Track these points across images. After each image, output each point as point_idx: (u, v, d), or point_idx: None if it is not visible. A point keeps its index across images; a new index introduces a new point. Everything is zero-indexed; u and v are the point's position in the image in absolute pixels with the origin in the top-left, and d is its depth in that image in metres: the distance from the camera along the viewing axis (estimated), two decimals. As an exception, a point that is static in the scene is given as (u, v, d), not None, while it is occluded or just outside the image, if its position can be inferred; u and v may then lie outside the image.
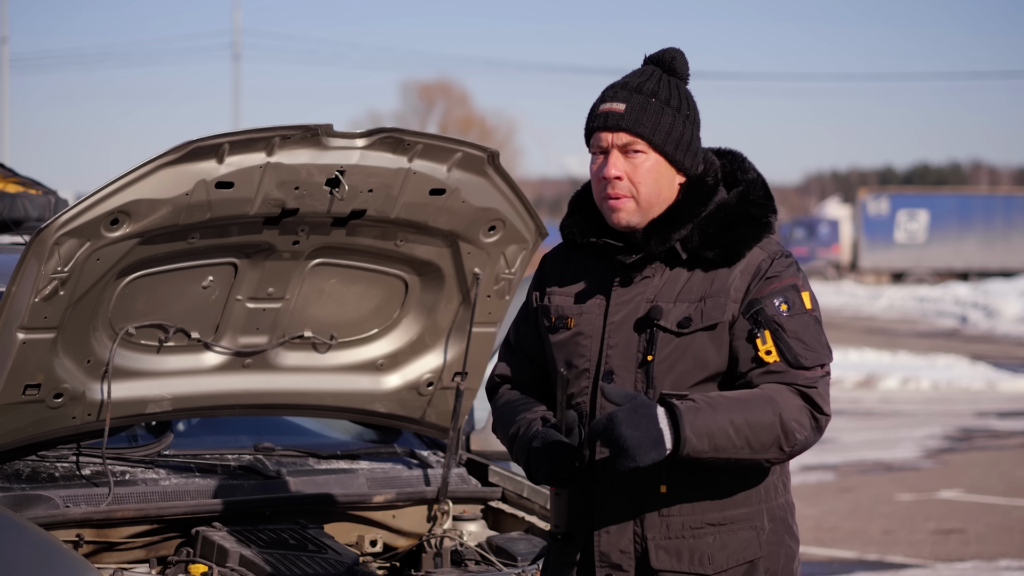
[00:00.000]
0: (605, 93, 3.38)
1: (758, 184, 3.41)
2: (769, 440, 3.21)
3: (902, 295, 43.31)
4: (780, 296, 3.30)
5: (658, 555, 3.32)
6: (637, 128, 3.32)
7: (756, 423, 3.19)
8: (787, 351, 3.26)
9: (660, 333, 3.31)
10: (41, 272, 3.88)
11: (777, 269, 3.33)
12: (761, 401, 3.22)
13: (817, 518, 10.59)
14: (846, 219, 55.92)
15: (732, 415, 3.18)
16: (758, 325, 3.28)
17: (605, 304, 3.39)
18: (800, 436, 3.23)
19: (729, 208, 3.36)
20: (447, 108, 73.85)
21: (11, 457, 4.26)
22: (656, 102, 3.34)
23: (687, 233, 3.34)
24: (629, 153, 3.33)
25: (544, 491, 4.77)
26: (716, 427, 3.17)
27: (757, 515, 3.35)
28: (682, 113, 3.35)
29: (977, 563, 9.17)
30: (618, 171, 3.33)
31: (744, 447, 3.19)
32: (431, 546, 4.60)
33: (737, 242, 3.34)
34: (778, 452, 3.23)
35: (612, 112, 3.33)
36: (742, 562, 3.33)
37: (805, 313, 3.30)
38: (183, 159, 3.89)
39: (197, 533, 4.25)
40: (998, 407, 18.01)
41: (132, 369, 4.28)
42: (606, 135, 3.34)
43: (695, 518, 3.32)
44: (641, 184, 3.33)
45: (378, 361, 4.63)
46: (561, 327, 3.43)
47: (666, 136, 3.33)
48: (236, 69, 54.22)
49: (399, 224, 4.29)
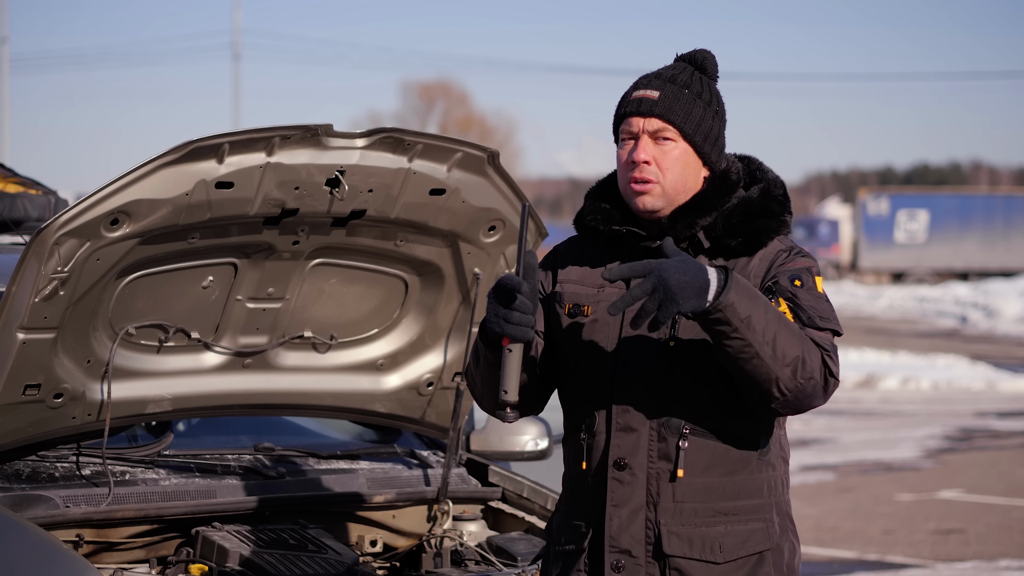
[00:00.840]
0: (638, 81, 3.43)
1: (778, 183, 3.48)
2: (790, 355, 3.22)
3: (902, 295, 43.31)
4: (795, 273, 3.36)
5: (671, 541, 3.34)
6: (669, 115, 3.37)
7: (786, 332, 3.22)
8: (802, 313, 3.31)
9: (681, 318, 3.33)
10: (41, 272, 3.87)
11: (795, 254, 3.40)
12: (795, 327, 3.26)
13: (817, 518, 10.59)
14: (846, 219, 55.92)
15: (769, 312, 3.21)
16: (773, 294, 3.33)
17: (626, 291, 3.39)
18: (811, 376, 3.25)
19: (752, 201, 3.42)
20: (447, 108, 73.89)
21: (11, 457, 4.26)
22: (689, 93, 3.39)
23: (711, 221, 3.39)
24: (659, 140, 3.38)
25: (544, 491, 4.77)
26: (755, 306, 3.19)
27: (767, 508, 3.39)
28: (712, 108, 3.41)
29: (977, 563, 9.17)
30: (647, 155, 3.37)
31: (769, 344, 3.20)
32: (431, 546, 4.60)
33: (759, 232, 3.40)
34: (791, 376, 3.23)
35: (646, 98, 3.38)
36: (751, 553, 3.35)
37: (817, 291, 3.36)
38: (183, 159, 3.89)
39: (197, 533, 4.25)
40: (998, 407, 18.02)
41: (132, 369, 4.28)
42: (638, 120, 3.38)
43: (708, 506, 3.34)
44: (668, 171, 3.37)
45: (378, 361, 4.63)
46: (578, 314, 3.45)
47: (696, 126, 3.39)
48: (236, 69, 54.17)
49: (399, 224, 4.29)
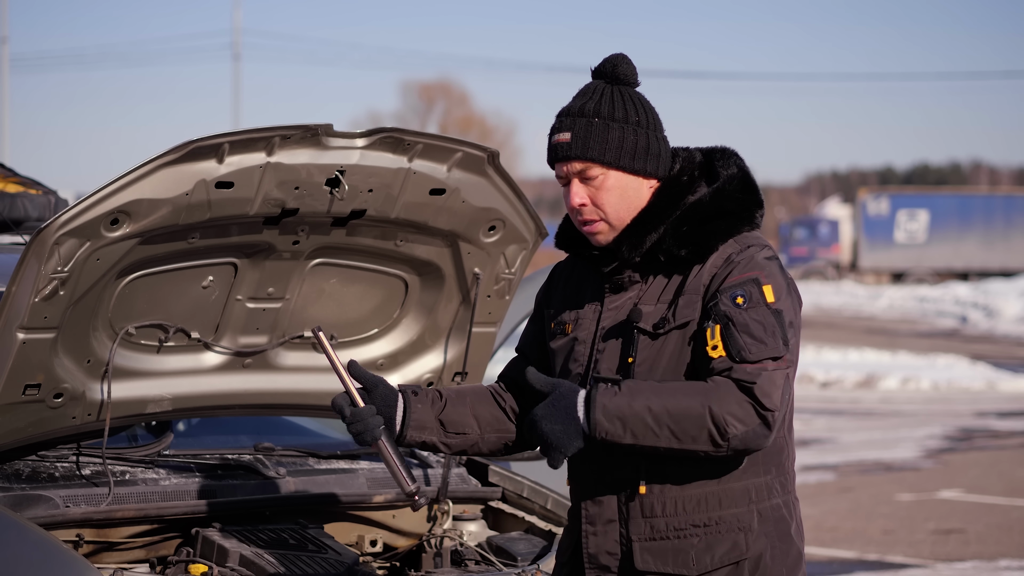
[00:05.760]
0: (553, 124, 3.40)
1: (735, 178, 3.38)
2: (698, 432, 3.17)
3: (902, 295, 43.30)
4: (738, 289, 3.27)
5: (643, 556, 3.32)
6: (586, 153, 3.34)
7: (680, 412, 3.17)
8: (732, 345, 3.22)
9: (639, 336, 3.33)
10: (41, 272, 3.87)
11: (743, 261, 3.30)
12: (694, 392, 3.20)
13: (817, 518, 10.59)
14: (846, 219, 55.90)
15: (651, 402, 3.17)
16: (710, 319, 3.27)
17: (599, 310, 3.43)
18: (736, 430, 3.18)
19: (703, 205, 3.35)
20: (447, 108, 73.82)
21: (11, 457, 4.26)
22: (600, 121, 3.33)
23: (659, 235, 3.34)
24: (586, 179, 3.35)
25: (544, 491, 4.77)
26: (630, 412, 3.17)
27: (746, 516, 3.32)
28: (630, 122, 3.35)
29: (977, 563, 9.17)
30: (581, 198, 3.36)
31: (668, 436, 3.17)
32: (431, 546, 4.60)
33: (708, 237, 3.32)
34: (712, 446, 3.18)
35: (560, 143, 3.37)
36: (727, 563, 3.31)
37: (763, 306, 3.25)
38: (183, 159, 3.89)
39: (197, 533, 4.25)
40: (998, 407, 18.01)
41: (132, 369, 4.28)
42: (561, 166, 3.38)
43: (680, 519, 3.31)
44: (605, 204, 3.35)
45: (378, 361, 4.63)
46: (559, 333, 3.49)
47: (618, 152, 3.34)
48: (236, 69, 54.21)
49: (399, 224, 4.29)
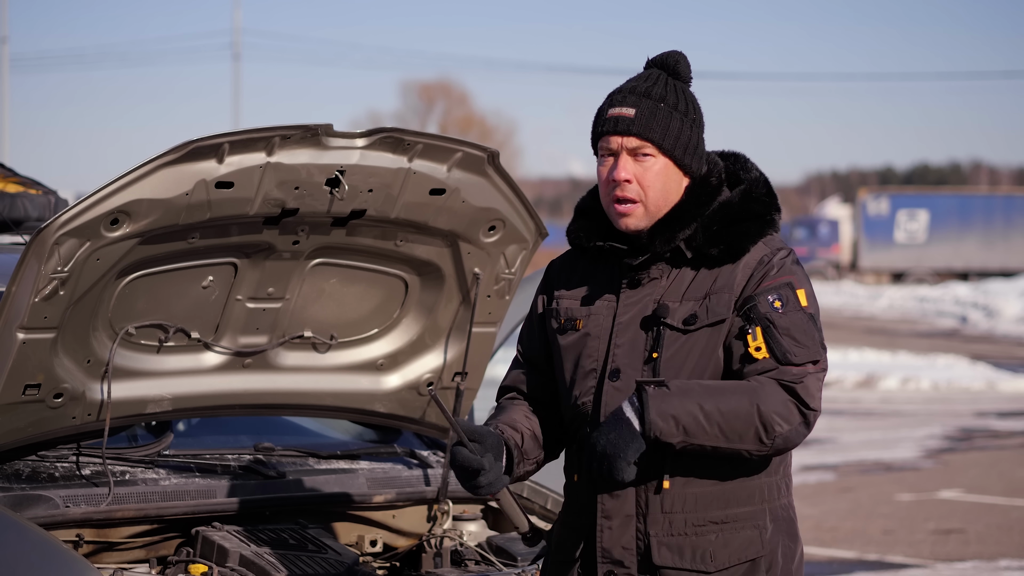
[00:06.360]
0: (613, 98, 3.41)
1: (760, 182, 3.45)
2: (745, 430, 3.23)
3: (902, 295, 43.30)
4: (774, 293, 3.33)
5: (660, 552, 3.33)
6: (648, 133, 3.37)
7: (730, 411, 3.22)
8: (776, 347, 3.29)
9: (667, 331, 3.34)
10: (41, 272, 3.87)
11: (776, 265, 3.36)
12: (741, 391, 3.25)
13: (817, 518, 10.59)
14: (846, 219, 55.89)
15: (703, 401, 3.22)
16: (750, 322, 3.31)
17: (614, 306, 3.42)
18: (782, 429, 3.25)
19: (732, 206, 3.40)
20: (447, 108, 73.83)
21: (11, 457, 4.26)
22: (665, 107, 3.38)
23: (691, 232, 3.38)
24: (639, 157, 3.38)
25: (544, 491, 4.77)
26: (683, 411, 3.21)
27: (760, 514, 3.37)
28: (688, 117, 3.40)
29: (977, 563, 9.17)
30: (628, 174, 3.37)
31: (718, 435, 3.23)
32: (431, 546, 4.59)
33: (740, 238, 3.38)
34: (758, 444, 3.25)
35: (622, 117, 3.38)
36: (744, 560, 3.34)
37: (799, 310, 3.33)
38: (183, 159, 3.89)
39: (197, 533, 4.25)
40: (998, 407, 18.01)
41: (132, 369, 4.28)
42: (616, 139, 3.38)
43: (698, 515, 3.33)
44: (650, 187, 3.37)
45: (378, 361, 4.63)
46: (570, 328, 3.48)
47: (675, 140, 3.38)
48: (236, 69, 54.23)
49: (399, 224, 4.29)
